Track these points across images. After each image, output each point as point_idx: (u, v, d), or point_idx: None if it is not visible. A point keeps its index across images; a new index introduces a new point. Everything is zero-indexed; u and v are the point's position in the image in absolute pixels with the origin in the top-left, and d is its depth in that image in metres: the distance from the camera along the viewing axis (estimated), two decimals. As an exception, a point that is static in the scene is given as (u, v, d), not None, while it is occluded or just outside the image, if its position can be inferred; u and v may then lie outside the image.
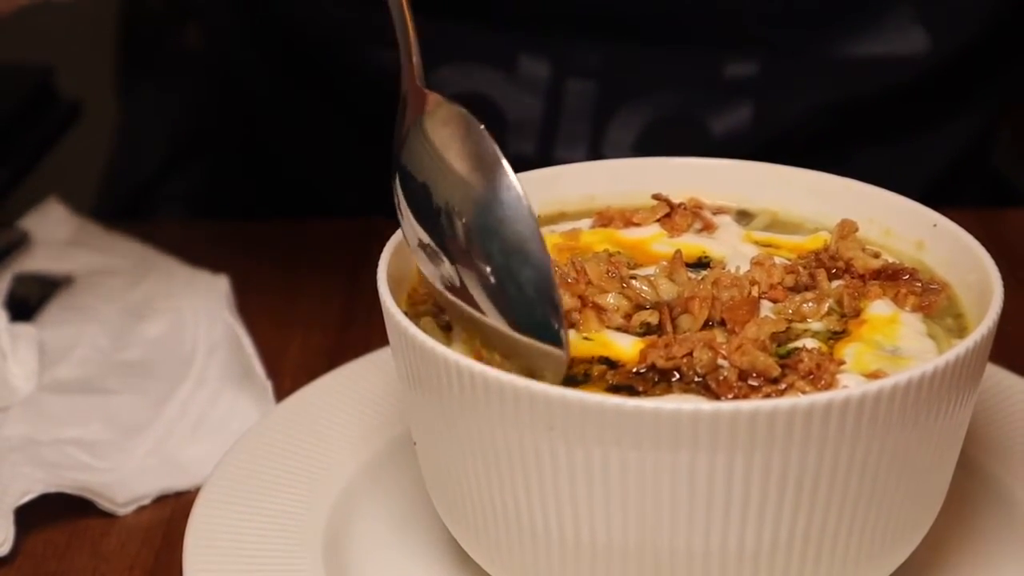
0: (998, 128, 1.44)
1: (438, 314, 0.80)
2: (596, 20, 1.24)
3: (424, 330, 0.74)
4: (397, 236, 0.82)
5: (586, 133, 1.27)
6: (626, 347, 0.76)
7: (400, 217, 0.77)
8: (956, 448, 0.77)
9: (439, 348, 0.72)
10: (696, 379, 0.73)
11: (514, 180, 0.72)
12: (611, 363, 0.75)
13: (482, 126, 0.73)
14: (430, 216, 0.75)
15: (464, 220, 0.73)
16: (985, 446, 0.90)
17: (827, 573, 0.73)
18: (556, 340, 0.71)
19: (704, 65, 1.25)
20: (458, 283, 0.74)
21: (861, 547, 0.73)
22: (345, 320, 1.12)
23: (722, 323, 0.78)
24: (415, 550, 0.85)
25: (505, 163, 0.72)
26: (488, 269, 0.73)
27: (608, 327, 0.78)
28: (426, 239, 0.76)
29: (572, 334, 0.76)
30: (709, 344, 0.74)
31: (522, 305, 0.72)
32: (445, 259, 0.75)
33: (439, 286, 0.76)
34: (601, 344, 0.76)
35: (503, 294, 0.73)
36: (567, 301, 0.78)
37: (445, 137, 0.75)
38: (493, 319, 0.73)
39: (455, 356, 0.72)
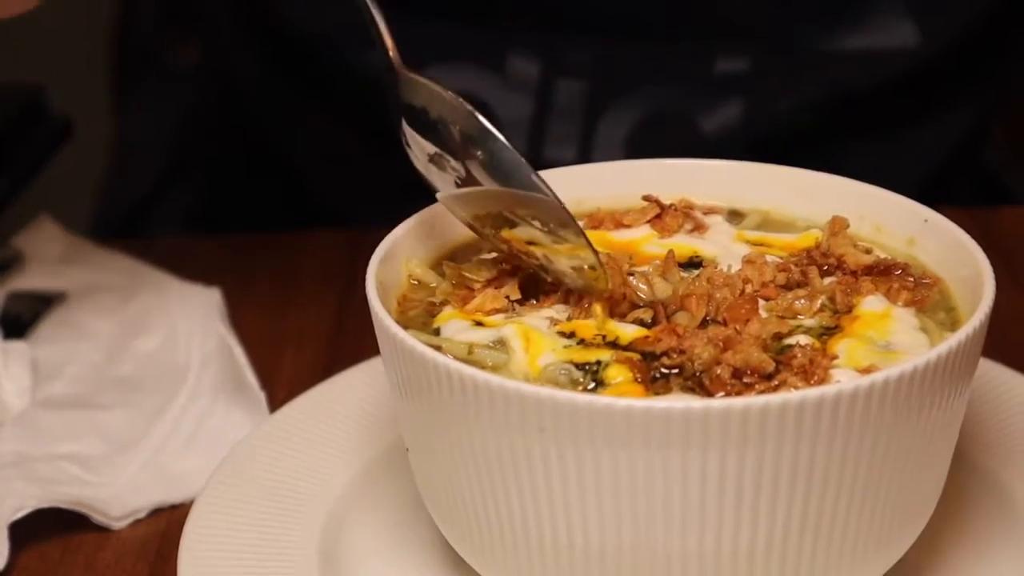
0: (990, 127, 1.44)
1: (428, 320, 0.80)
2: (585, 18, 1.24)
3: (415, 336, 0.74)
4: (386, 243, 0.82)
5: (576, 132, 1.27)
6: (629, 333, 0.76)
7: (409, 150, 0.83)
8: (951, 443, 0.77)
9: (429, 353, 0.72)
10: (693, 375, 0.73)
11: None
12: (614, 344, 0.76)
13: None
14: (435, 132, 0.81)
15: (464, 130, 0.80)
16: (981, 442, 0.90)
17: (823, 570, 0.73)
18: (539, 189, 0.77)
19: (694, 62, 1.25)
20: (463, 174, 0.79)
21: (856, 544, 0.73)
22: (338, 331, 1.11)
23: (718, 322, 0.77)
24: (411, 557, 0.85)
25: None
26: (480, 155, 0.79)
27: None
28: (432, 148, 0.81)
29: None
30: (714, 342, 0.73)
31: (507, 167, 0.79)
32: (452, 158, 0.80)
33: (463, 213, 0.82)
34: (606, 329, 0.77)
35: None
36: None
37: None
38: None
39: (444, 360, 0.71)
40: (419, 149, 0.81)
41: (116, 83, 1.64)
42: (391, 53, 0.83)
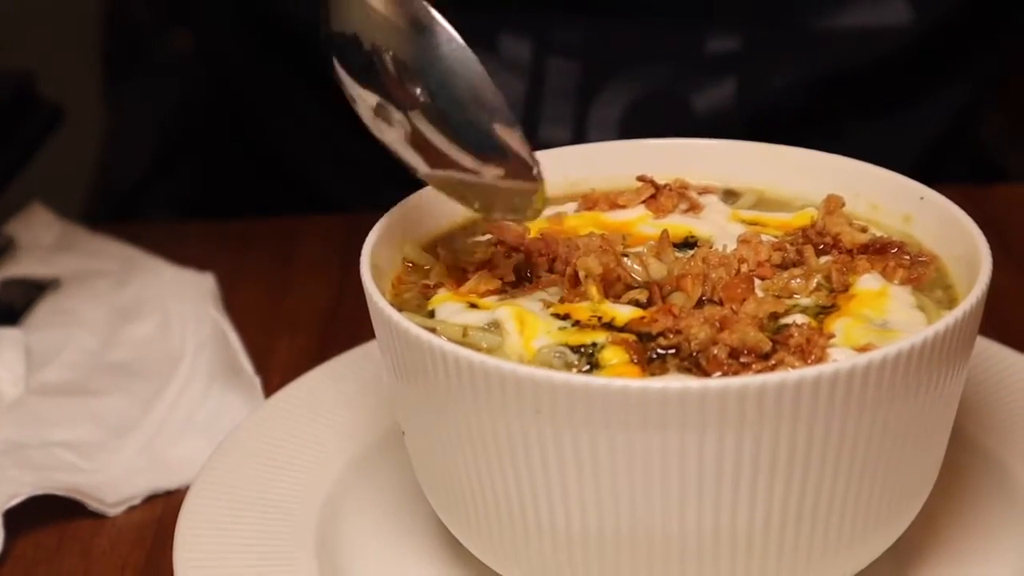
0: (985, 105, 1.43)
1: (422, 302, 0.80)
2: None
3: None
4: (380, 225, 0.82)
5: (570, 113, 1.26)
6: (625, 314, 0.76)
7: (354, 104, 0.77)
8: (949, 421, 0.77)
9: (424, 335, 0.72)
10: (690, 355, 0.72)
11: (437, 16, 0.74)
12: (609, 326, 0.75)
13: None
14: (371, 72, 0.76)
15: (398, 55, 0.74)
16: (980, 420, 0.90)
17: (821, 549, 0.72)
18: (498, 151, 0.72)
19: (686, 41, 1.25)
20: (409, 129, 0.75)
21: (855, 523, 0.73)
22: (333, 316, 1.11)
23: (714, 301, 0.77)
24: (408, 540, 0.85)
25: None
26: (430, 99, 0.74)
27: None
28: (373, 99, 0.76)
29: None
30: (710, 322, 0.73)
31: (466, 125, 0.73)
32: (395, 109, 0.75)
33: (412, 159, 0.76)
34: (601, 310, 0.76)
35: (450, 120, 0.74)
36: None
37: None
38: (453, 153, 0.74)
39: (440, 342, 0.71)
40: (363, 103, 0.77)
41: (107, 71, 1.64)
42: None
